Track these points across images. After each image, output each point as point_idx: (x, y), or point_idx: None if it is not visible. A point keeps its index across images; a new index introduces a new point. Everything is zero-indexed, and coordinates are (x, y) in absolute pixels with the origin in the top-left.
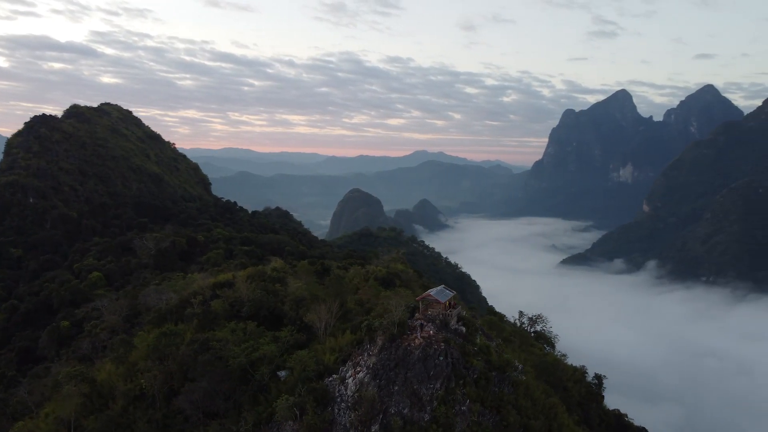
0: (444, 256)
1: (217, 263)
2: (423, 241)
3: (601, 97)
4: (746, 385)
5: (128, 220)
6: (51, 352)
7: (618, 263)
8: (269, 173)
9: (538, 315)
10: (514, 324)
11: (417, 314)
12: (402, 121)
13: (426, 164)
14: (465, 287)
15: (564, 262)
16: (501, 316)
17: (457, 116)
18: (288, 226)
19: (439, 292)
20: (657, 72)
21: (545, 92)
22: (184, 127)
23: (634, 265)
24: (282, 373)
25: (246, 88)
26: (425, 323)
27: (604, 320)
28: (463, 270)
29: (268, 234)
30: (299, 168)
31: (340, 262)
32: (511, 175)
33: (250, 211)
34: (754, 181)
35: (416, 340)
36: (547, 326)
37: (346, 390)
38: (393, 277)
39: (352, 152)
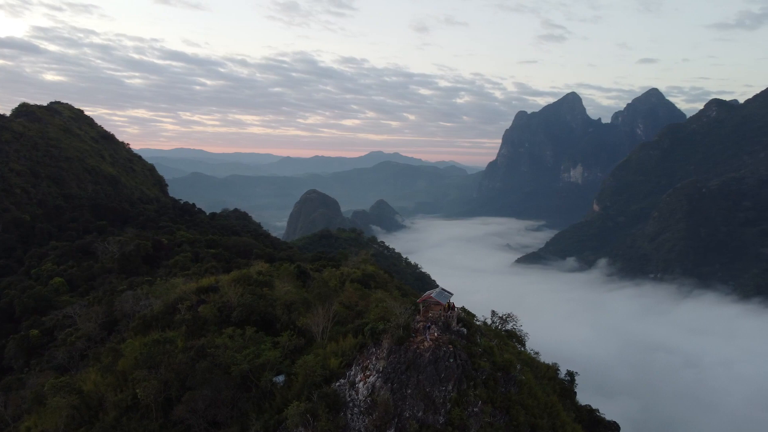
0: (404, 256)
1: (186, 267)
2: (383, 242)
3: (551, 100)
4: (694, 378)
5: (85, 223)
6: (19, 363)
7: (570, 261)
8: (223, 174)
9: (509, 314)
10: (484, 322)
11: (418, 316)
12: (357, 121)
13: (382, 165)
14: (425, 287)
15: (519, 261)
16: (472, 316)
17: (412, 117)
18: (249, 227)
19: (439, 294)
20: (604, 75)
21: (497, 94)
22: (134, 127)
23: (586, 263)
24: (279, 379)
25: (198, 88)
26: (429, 325)
27: (559, 317)
28: (423, 270)
29: (232, 236)
30: (253, 169)
31: (313, 264)
32: (466, 175)
33: (206, 213)
34: (697, 181)
35: (425, 343)
36: (518, 325)
37: (357, 395)
38: (369, 279)
39: (307, 153)
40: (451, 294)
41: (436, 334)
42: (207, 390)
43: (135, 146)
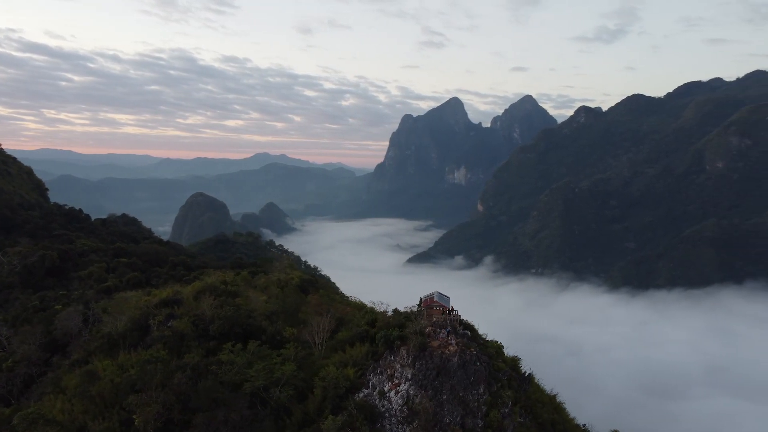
0: (303, 259)
1: (103, 279)
2: (281, 245)
3: (433, 104)
4: (576, 365)
5: None
6: None
7: (459, 260)
8: (96, 177)
9: None
10: None
11: (422, 320)
12: (240, 122)
13: (269, 167)
14: (329, 290)
15: (410, 260)
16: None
17: (297, 119)
18: (143, 234)
19: (439, 298)
20: (481, 81)
21: (381, 97)
22: None
23: (473, 261)
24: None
25: (64, 84)
26: (449, 330)
27: None
28: (323, 273)
29: (136, 244)
30: (130, 171)
31: (242, 271)
32: (354, 177)
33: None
34: (570, 182)
35: (450, 347)
36: None
37: (391, 404)
38: (308, 285)
39: (188, 154)
40: (449, 297)
41: (450, 337)
42: (221, 410)
43: None
